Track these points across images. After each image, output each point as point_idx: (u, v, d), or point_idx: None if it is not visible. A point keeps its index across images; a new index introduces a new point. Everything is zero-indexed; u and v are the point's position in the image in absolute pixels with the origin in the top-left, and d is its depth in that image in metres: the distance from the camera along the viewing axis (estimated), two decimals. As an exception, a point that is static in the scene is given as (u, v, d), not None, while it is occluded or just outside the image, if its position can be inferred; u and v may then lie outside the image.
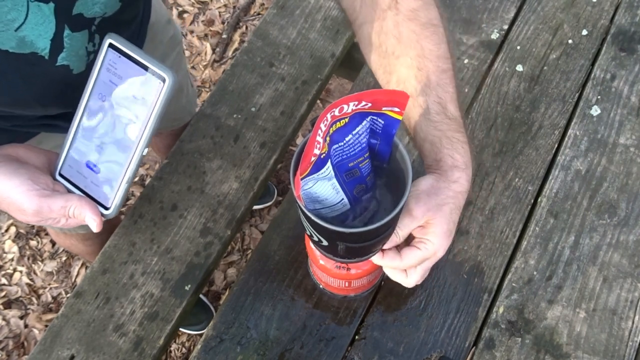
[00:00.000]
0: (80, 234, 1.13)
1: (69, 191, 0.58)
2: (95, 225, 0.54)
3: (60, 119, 0.71)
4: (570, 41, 1.08)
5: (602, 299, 0.88)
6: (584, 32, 1.08)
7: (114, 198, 0.56)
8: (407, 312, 0.88)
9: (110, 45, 0.56)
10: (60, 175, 0.58)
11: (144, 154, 0.55)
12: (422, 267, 0.58)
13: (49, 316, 1.54)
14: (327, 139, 0.57)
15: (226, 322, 0.88)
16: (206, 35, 2.06)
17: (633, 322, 0.87)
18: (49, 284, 1.58)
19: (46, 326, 1.52)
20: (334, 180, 0.62)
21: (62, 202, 0.53)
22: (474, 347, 0.86)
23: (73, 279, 1.58)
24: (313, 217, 0.57)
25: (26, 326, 1.53)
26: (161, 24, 1.02)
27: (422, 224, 0.56)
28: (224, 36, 2.05)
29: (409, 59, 0.55)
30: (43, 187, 0.54)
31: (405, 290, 0.90)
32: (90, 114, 0.57)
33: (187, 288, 0.93)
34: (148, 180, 1.56)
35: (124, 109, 0.55)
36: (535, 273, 0.90)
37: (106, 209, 0.56)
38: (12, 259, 1.61)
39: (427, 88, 0.55)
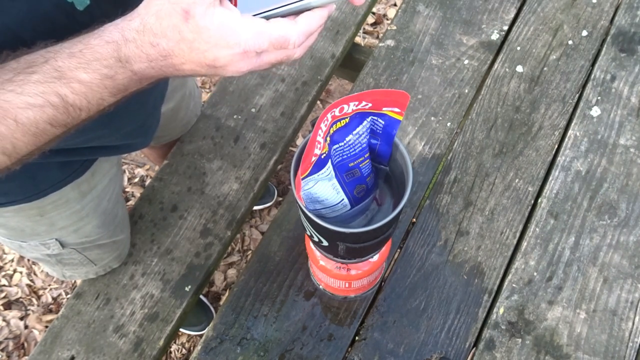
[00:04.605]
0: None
1: None
2: None
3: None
4: (570, 42, 1.08)
5: (602, 299, 0.88)
6: (584, 33, 1.08)
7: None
8: (407, 313, 0.88)
9: None
10: None
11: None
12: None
13: (49, 317, 1.53)
14: (328, 139, 0.57)
15: (226, 323, 0.88)
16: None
17: (633, 323, 0.86)
18: (49, 285, 1.58)
19: (46, 327, 1.52)
20: (335, 181, 0.62)
21: None
22: (474, 348, 0.86)
23: (73, 280, 1.58)
24: (313, 218, 0.57)
25: (26, 327, 1.53)
26: None
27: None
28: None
29: None
30: None
31: (405, 291, 0.90)
32: None
33: (187, 289, 0.93)
34: (148, 181, 1.56)
35: None
36: (535, 274, 0.90)
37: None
38: (12, 260, 1.61)
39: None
